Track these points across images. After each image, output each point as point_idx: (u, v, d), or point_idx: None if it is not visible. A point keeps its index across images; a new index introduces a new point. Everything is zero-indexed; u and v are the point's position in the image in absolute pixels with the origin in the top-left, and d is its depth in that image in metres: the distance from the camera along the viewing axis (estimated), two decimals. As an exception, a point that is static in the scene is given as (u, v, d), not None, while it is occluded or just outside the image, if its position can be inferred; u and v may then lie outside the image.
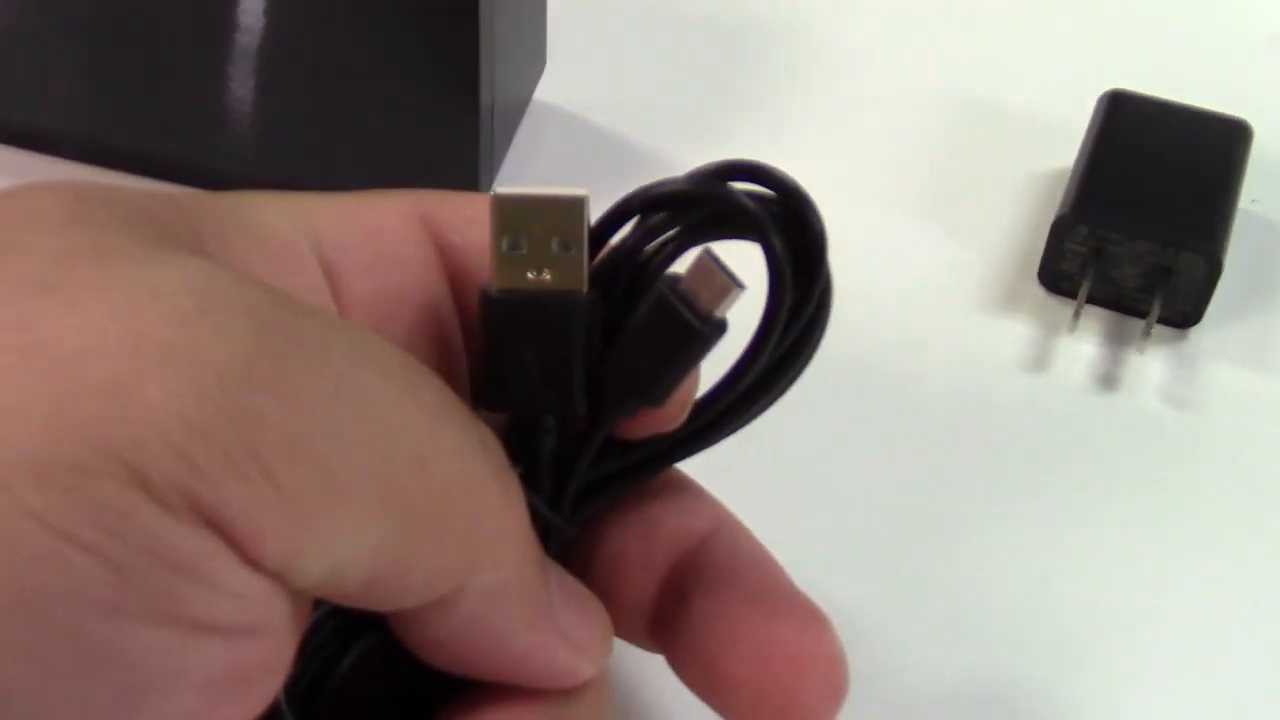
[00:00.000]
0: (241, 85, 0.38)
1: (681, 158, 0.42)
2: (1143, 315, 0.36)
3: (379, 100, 0.37)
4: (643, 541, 0.25)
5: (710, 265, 0.22)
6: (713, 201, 0.22)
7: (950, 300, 0.38)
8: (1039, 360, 0.36)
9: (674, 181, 0.23)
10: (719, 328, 0.22)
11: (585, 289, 0.23)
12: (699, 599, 0.24)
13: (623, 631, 0.25)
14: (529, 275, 0.23)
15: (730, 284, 0.22)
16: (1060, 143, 0.40)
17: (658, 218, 0.23)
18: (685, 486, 0.26)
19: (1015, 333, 0.37)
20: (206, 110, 0.38)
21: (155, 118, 0.39)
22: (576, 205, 0.22)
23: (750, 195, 0.22)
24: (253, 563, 0.18)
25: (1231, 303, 0.37)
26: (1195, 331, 0.37)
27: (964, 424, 0.35)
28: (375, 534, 0.19)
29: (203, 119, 0.38)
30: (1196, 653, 0.31)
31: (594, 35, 0.45)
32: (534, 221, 0.22)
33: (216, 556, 0.17)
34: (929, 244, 0.39)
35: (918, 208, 0.40)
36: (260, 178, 0.38)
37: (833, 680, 0.24)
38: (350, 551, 0.19)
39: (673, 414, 0.24)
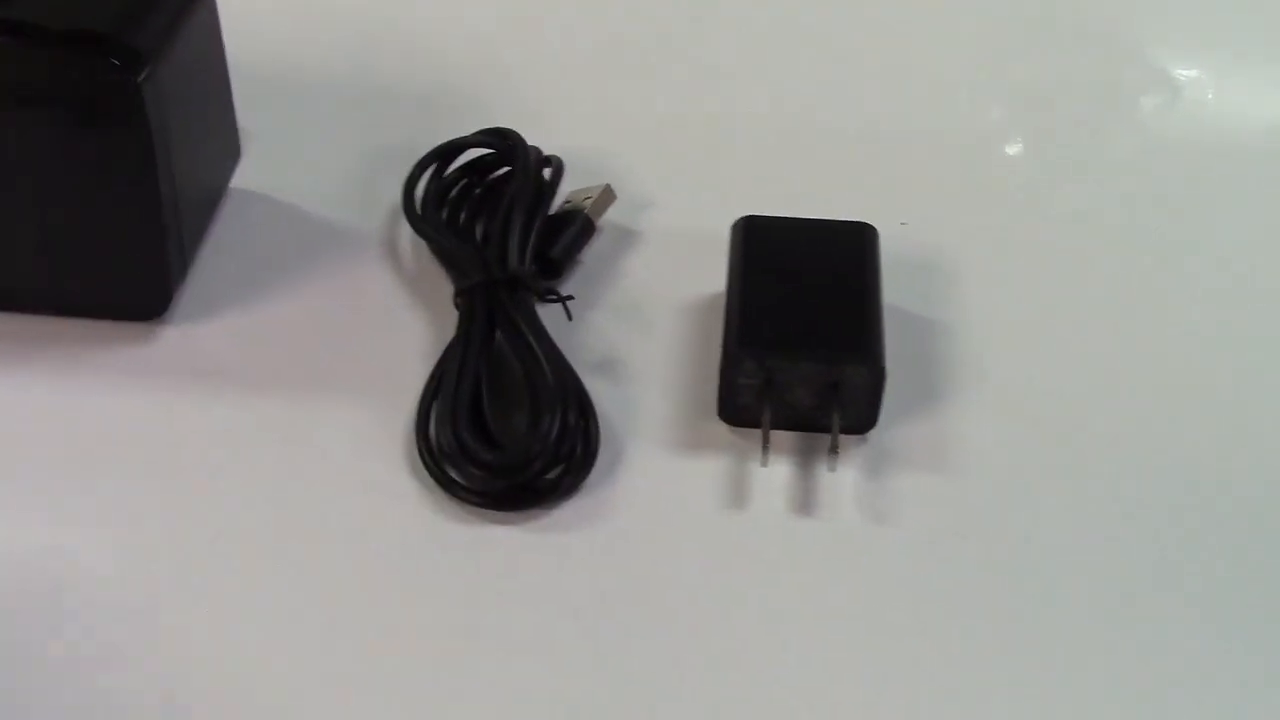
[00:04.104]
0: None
1: (379, 232, 0.44)
2: (823, 429, 0.37)
3: (60, 201, 0.38)
4: None
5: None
6: None
7: (636, 447, 0.38)
8: (737, 498, 0.37)
9: None
10: None
11: None
12: None
13: None
14: None
15: None
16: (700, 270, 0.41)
17: None
18: None
19: (708, 473, 0.37)
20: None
21: None
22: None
23: None
24: None
25: (900, 400, 0.39)
26: (874, 435, 0.38)
27: (673, 571, 0.35)
28: None
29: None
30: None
31: (289, 122, 0.48)
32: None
33: None
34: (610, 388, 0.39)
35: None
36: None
37: None
38: None
39: None
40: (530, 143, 0.44)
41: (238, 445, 0.37)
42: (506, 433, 0.37)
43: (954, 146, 0.48)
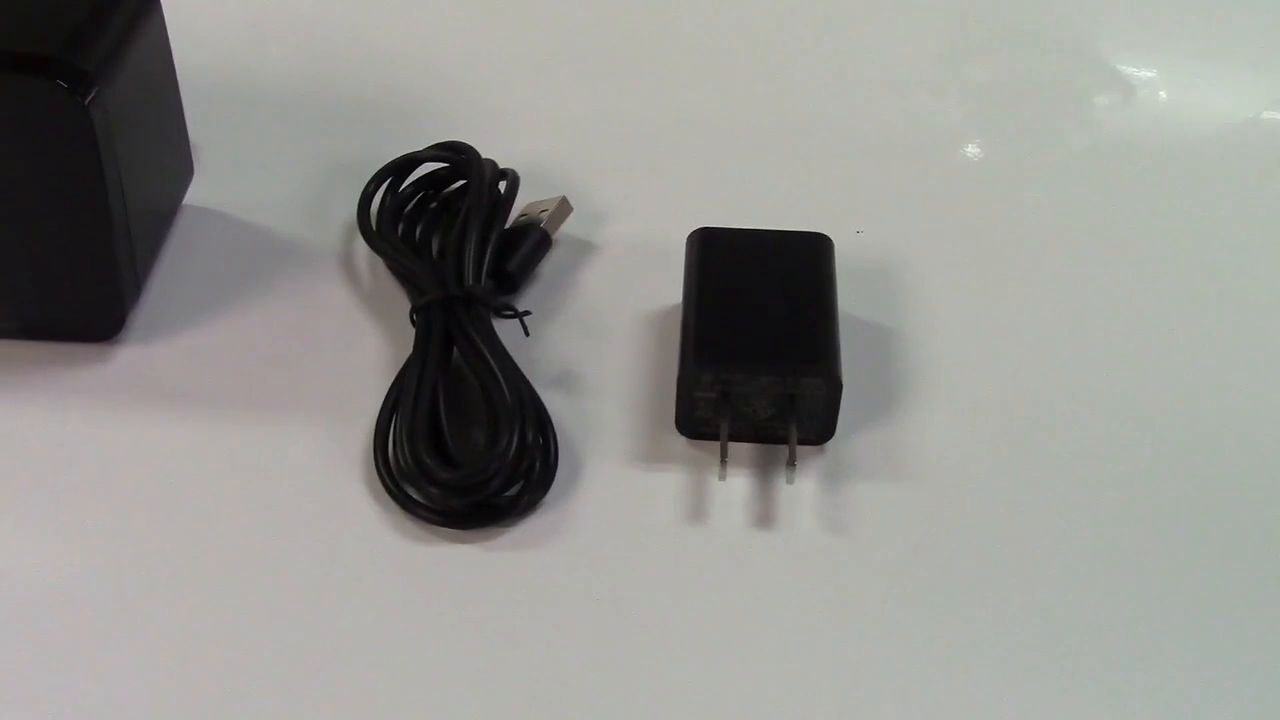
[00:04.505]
0: None
1: (335, 248, 0.43)
2: (781, 441, 0.37)
3: (9, 223, 0.38)
4: None
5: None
6: None
7: (594, 461, 0.38)
8: (696, 511, 0.37)
9: None
10: None
11: None
12: None
13: None
14: None
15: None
16: (657, 282, 0.42)
17: None
18: None
19: (667, 487, 0.37)
20: None
21: None
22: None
23: None
24: None
25: (858, 410, 0.39)
26: (832, 446, 0.38)
27: (634, 587, 0.35)
28: None
29: None
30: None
31: (242, 137, 0.48)
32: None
33: None
34: (567, 402, 0.39)
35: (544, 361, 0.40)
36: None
37: None
38: None
39: None
40: (486, 155, 0.44)
41: (194, 466, 0.37)
42: (465, 450, 0.37)
43: (911, 151, 0.48)
